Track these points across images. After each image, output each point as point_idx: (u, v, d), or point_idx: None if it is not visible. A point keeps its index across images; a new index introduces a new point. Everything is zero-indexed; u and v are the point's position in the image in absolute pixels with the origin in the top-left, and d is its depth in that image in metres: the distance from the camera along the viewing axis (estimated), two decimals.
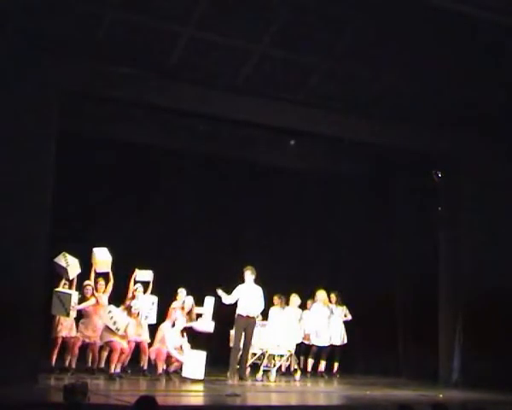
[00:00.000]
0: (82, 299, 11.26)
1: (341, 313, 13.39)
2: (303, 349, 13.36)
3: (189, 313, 11.63)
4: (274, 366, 12.27)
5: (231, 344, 12.19)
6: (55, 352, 11.10)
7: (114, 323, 10.95)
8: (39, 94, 9.96)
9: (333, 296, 13.31)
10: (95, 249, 11.39)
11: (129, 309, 11.35)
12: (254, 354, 12.38)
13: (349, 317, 13.45)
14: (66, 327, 11.12)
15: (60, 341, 11.13)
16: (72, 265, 11.04)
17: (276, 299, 12.79)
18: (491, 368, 11.64)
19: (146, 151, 13.25)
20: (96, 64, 10.39)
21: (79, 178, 12.55)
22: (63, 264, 10.99)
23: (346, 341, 13.36)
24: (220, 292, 11.63)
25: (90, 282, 11.39)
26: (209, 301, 11.73)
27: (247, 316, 11.68)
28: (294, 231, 15.09)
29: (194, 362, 11.21)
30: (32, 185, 9.89)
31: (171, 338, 11.34)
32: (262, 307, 11.94)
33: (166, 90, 10.96)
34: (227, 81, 11.22)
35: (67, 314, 10.92)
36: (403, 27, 10.50)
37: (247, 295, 11.72)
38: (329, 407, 9.65)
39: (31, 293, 9.72)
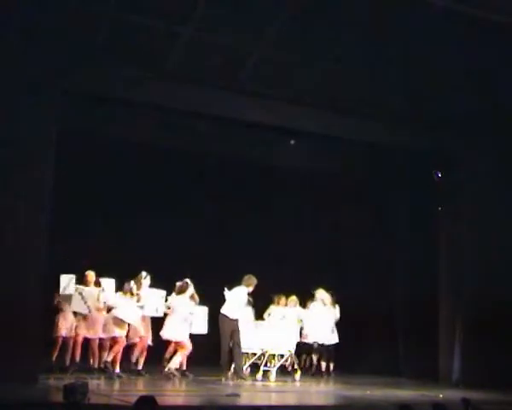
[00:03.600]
0: None
1: (335, 313, 13.33)
2: (304, 349, 13.36)
3: (192, 296, 11.76)
4: (274, 365, 12.27)
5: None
6: (56, 352, 11.14)
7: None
8: (39, 94, 9.97)
9: (328, 296, 13.25)
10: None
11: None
12: (254, 354, 12.38)
13: (338, 316, 13.40)
14: (66, 327, 11.14)
15: (60, 340, 11.15)
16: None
17: (276, 298, 12.79)
18: (491, 368, 11.65)
19: (145, 151, 13.23)
20: (96, 64, 10.40)
21: (79, 178, 12.55)
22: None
23: (337, 340, 13.35)
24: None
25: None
26: (202, 309, 11.93)
27: (228, 318, 11.66)
28: (294, 230, 15.09)
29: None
30: (31, 185, 9.90)
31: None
32: (239, 309, 11.79)
33: (166, 90, 10.96)
34: (227, 81, 11.22)
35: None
36: (403, 27, 10.50)
37: (230, 298, 11.78)
38: (329, 406, 9.63)
39: (31, 293, 9.73)
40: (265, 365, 12.27)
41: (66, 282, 10.98)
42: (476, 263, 12.36)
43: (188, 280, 11.83)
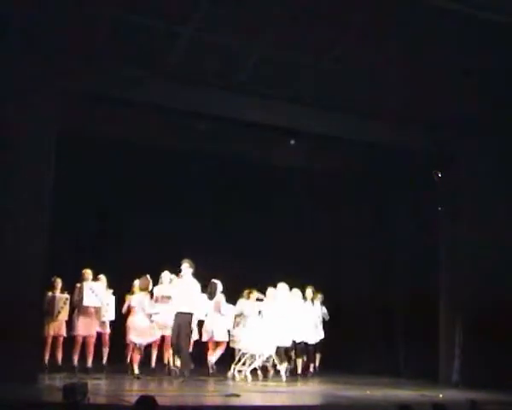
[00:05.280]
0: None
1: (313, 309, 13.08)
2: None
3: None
4: (250, 365, 11.94)
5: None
6: (47, 352, 11.21)
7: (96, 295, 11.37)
8: (39, 94, 9.97)
9: (309, 292, 13.03)
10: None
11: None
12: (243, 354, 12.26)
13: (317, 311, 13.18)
14: (54, 326, 11.21)
15: (50, 340, 11.21)
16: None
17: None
18: (491, 368, 11.65)
19: (146, 151, 13.26)
20: (97, 64, 10.40)
21: (79, 178, 12.56)
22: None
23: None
24: None
25: None
26: None
27: (180, 312, 11.14)
28: (294, 230, 15.10)
29: None
30: (31, 185, 9.90)
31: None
32: (198, 303, 11.37)
33: (166, 90, 10.96)
34: (227, 81, 11.22)
35: (101, 304, 11.28)
36: (402, 27, 10.50)
37: (181, 291, 11.25)
38: (329, 406, 9.63)
39: (31, 293, 9.73)
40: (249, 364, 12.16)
41: None
42: (476, 263, 12.36)
43: (214, 280, 11.84)
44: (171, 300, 11.42)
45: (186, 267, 11.31)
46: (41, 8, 9.53)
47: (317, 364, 13.52)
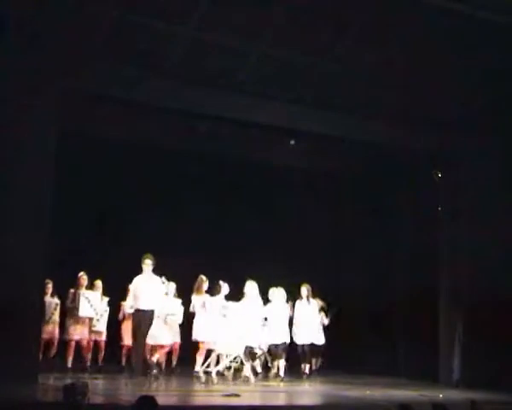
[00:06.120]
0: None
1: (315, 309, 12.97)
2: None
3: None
4: (215, 366, 11.75)
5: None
6: (41, 353, 11.12)
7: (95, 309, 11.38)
8: (39, 94, 9.97)
9: (304, 290, 12.83)
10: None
11: None
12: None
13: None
14: (46, 330, 11.18)
15: (43, 343, 11.17)
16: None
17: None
18: (491, 368, 11.65)
19: (146, 151, 13.26)
20: (97, 64, 10.39)
21: (79, 178, 12.55)
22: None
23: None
24: None
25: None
26: None
27: (140, 309, 10.89)
28: (294, 230, 15.10)
29: None
30: (31, 185, 9.90)
31: None
32: (158, 299, 11.12)
33: (166, 90, 10.96)
34: (227, 81, 11.22)
35: (96, 314, 11.30)
36: (403, 27, 10.51)
37: (142, 287, 10.99)
38: (329, 406, 9.63)
39: (30, 293, 9.73)
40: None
41: None
42: (476, 263, 12.35)
43: (221, 282, 11.82)
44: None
45: (148, 264, 11.09)
46: (41, 8, 9.53)
47: (318, 367, 13.49)
